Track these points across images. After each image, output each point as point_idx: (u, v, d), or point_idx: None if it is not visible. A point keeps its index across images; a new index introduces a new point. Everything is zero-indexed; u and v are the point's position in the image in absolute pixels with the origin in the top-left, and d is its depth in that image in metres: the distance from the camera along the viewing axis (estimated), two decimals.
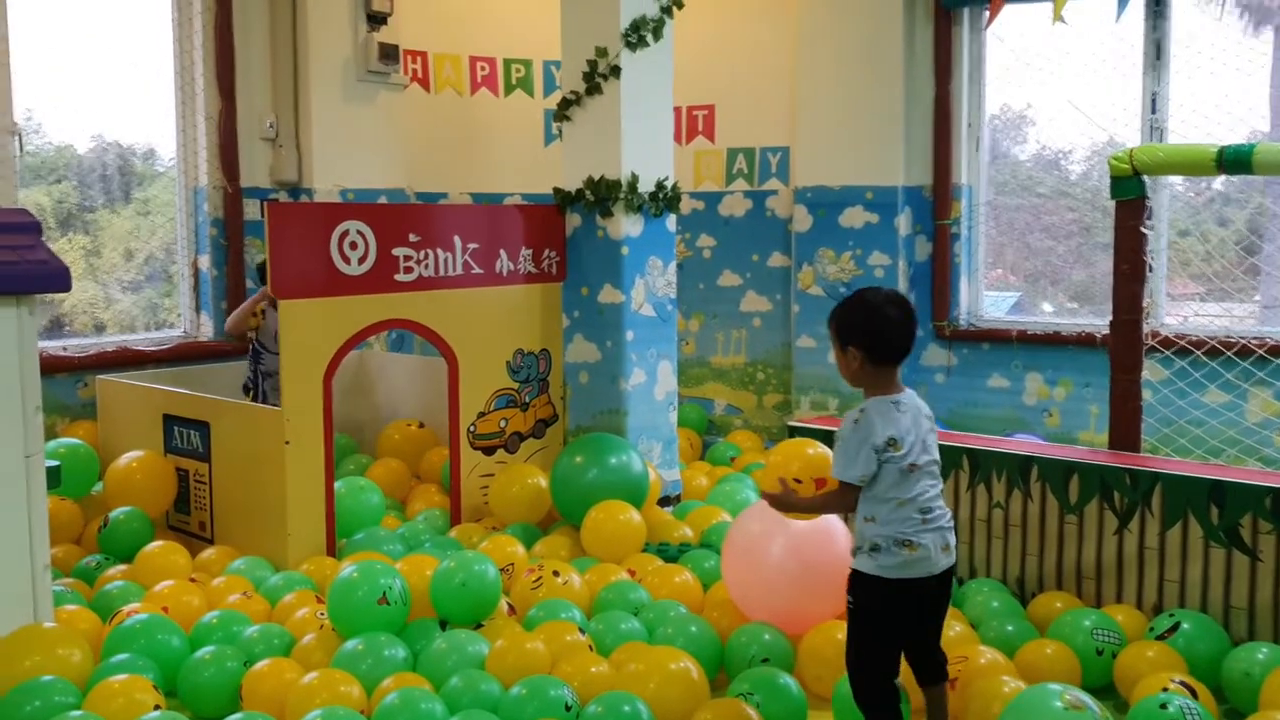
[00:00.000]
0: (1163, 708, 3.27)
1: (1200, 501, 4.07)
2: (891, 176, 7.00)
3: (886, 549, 3.19)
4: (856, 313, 3.29)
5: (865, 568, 3.23)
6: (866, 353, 3.24)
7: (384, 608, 3.94)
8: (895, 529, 3.18)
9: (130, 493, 5.17)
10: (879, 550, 3.20)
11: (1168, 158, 4.55)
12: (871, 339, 3.25)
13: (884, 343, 3.25)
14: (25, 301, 3.80)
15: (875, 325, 3.26)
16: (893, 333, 3.26)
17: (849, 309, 3.32)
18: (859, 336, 3.25)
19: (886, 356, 3.26)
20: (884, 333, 3.25)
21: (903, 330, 3.28)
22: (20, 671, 3.60)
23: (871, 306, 3.29)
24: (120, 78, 6.48)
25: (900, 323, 3.27)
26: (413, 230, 5.34)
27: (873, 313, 3.27)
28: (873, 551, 3.21)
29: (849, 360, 3.28)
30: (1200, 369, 5.97)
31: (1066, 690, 3.03)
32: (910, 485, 3.20)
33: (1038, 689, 3.11)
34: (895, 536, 3.18)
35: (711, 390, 7.87)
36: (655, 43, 5.79)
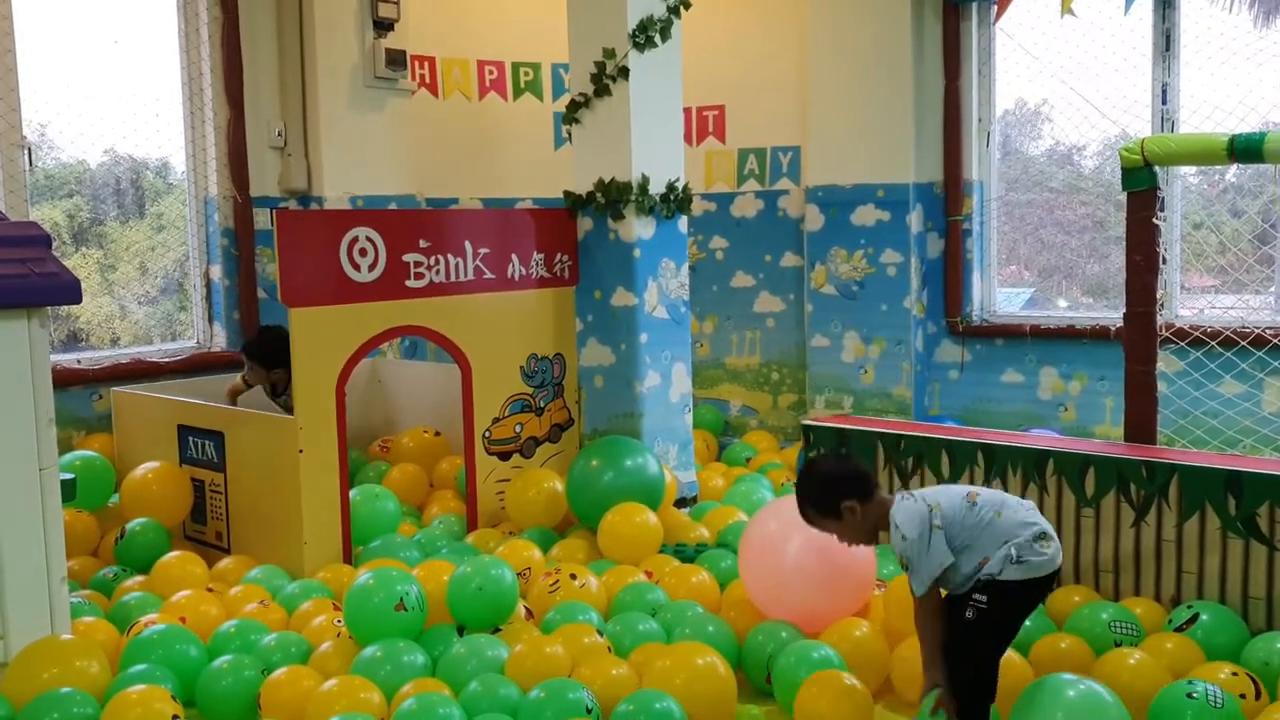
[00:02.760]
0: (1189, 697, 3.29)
1: (1217, 492, 4.05)
2: (902, 174, 6.98)
3: (1031, 549, 3.27)
4: (822, 483, 3.52)
5: (1016, 576, 3.27)
6: (859, 501, 3.43)
7: (401, 614, 3.94)
8: (1024, 531, 3.29)
9: (146, 504, 5.18)
10: (1023, 555, 3.26)
11: (1179, 148, 4.53)
12: (850, 488, 3.45)
13: (861, 484, 3.46)
14: (36, 314, 3.82)
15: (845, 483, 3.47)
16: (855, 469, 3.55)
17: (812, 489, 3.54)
18: (842, 500, 3.43)
19: (869, 489, 3.46)
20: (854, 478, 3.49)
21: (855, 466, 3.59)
22: (39, 683, 3.60)
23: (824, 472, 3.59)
24: (130, 91, 6.50)
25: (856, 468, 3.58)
26: (423, 236, 5.35)
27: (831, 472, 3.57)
28: (1018, 564, 3.26)
29: (852, 518, 3.45)
30: (1215, 359, 5.93)
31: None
32: (985, 504, 3.34)
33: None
34: (1032, 536, 3.27)
35: (726, 391, 7.86)
36: (663, 43, 5.78)
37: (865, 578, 4.17)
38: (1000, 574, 3.27)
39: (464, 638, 3.97)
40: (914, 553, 3.32)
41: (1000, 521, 3.30)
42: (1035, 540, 3.27)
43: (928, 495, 3.39)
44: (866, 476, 3.51)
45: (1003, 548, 3.27)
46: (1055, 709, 3.13)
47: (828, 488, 3.49)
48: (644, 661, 3.79)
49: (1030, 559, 3.26)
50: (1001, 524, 3.29)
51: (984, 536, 3.29)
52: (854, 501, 3.42)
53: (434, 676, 3.80)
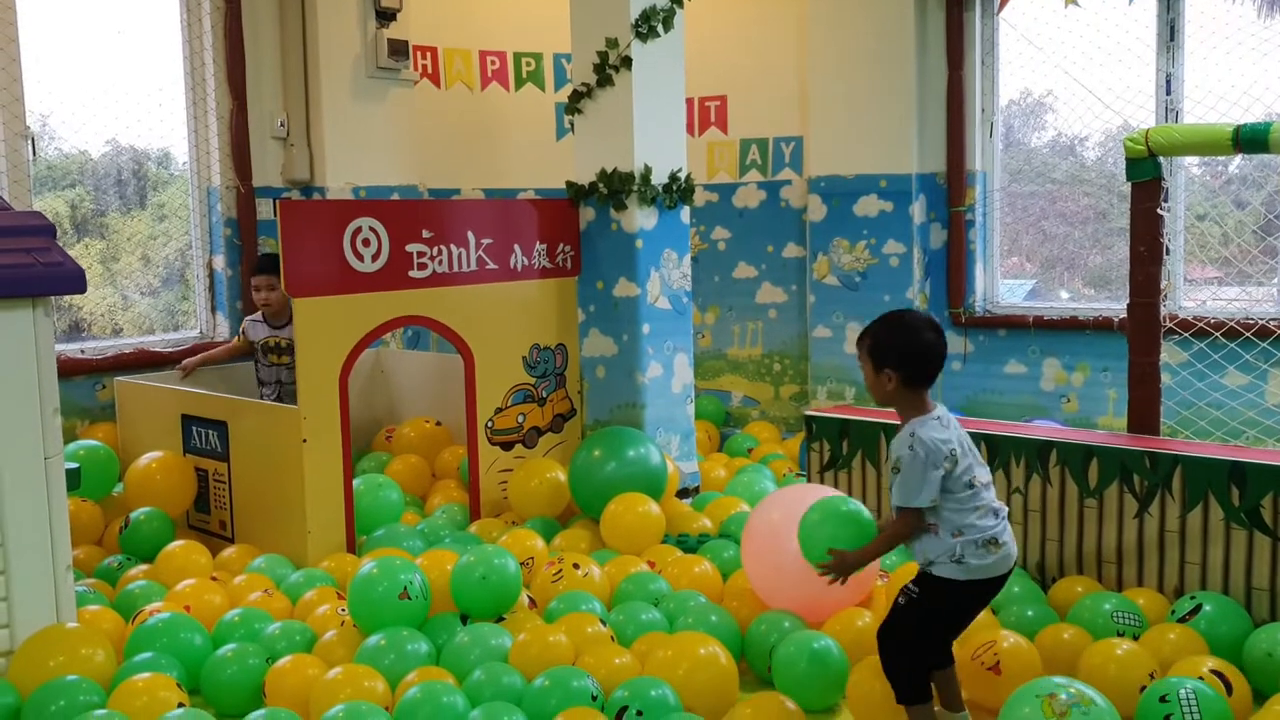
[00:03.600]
0: (1163, 700, 3.29)
1: (1220, 483, 4.05)
2: (905, 164, 6.98)
3: (975, 552, 3.22)
4: (895, 335, 3.31)
5: (951, 574, 3.24)
6: (903, 376, 3.26)
7: (405, 602, 3.95)
8: (982, 533, 3.22)
9: (150, 493, 5.19)
10: (965, 557, 3.23)
11: (1183, 138, 4.52)
12: (910, 362, 3.27)
13: (922, 366, 3.27)
14: (41, 304, 3.82)
15: (914, 349, 3.28)
16: (931, 356, 3.29)
17: (886, 331, 3.33)
18: (895, 360, 3.27)
19: (923, 380, 3.29)
20: (924, 356, 3.28)
21: (939, 353, 3.31)
22: (45, 672, 3.62)
23: (910, 329, 3.31)
24: (132, 81, 6.50)
25: (936, 346, 3.31)
26: (426, 226, 5.35)
27: (912, 336, 3.30)
28: (958, 562, 3.23)
29: (882, 381, 3.30)
30: (1219, 350, 5.93)
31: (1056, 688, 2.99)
32: (979, 493, 3.26)
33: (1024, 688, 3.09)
34: (983, 539, 3.22)
35: (728, 382, 7.86)
36: (666, 33, 5.78)
37: (868, 568, 4.17)
38: (933, 567, 3.26)
39: (468, 626, 3.98)
40: (909, 469, 3.22)
41: (966, 515, 3.23)
42: (983, 545, 3.22)
43: (957, 441, 3.25)
44: (927, 370, 3.28)
45: (950, 540, 3.22)
46: None
47: (889, 342, 3.30)
48: (646, 651, 3.80)
49: (970, 561, 3.22)
50: (967, 519, 3.23)
51: (951, 513, 3.23)
52: (894, 374, 3.27)
53: (438, 665, 3.80)
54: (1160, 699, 3.31)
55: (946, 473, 3.21)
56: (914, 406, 3.31)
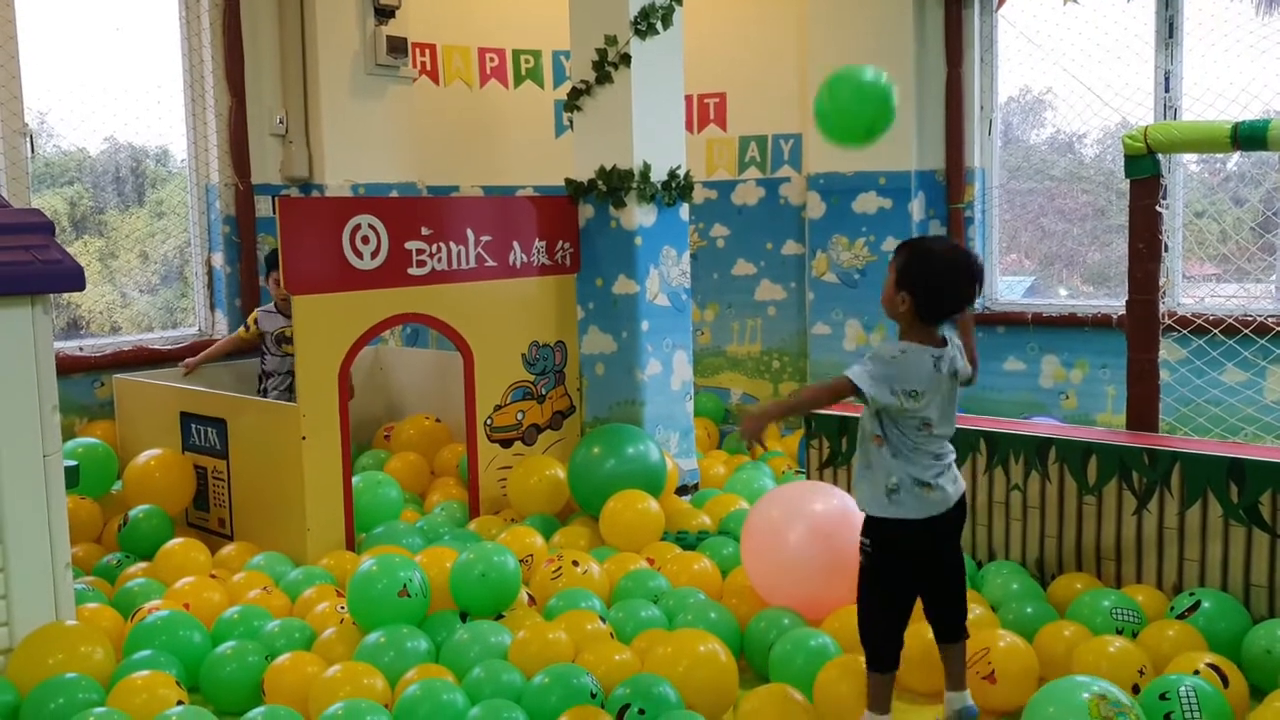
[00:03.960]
0: (1163, 698, 3.29)
1: (1219, 480, 4.05)
2: (904, 161, 6.98)
3: (906, 490, 3.24)
4: (926, 265, 3.25)
5: (886, 513, 3.28)
6: (916, 304, 3.24)
7: (404, 600, 3.95)
8: (914, 471, 3.24)
9: (149, 491, 5.19)
10: (898, 492, 3.25)
11: (1182, 135, 4.52)
12: (924, 294, 3.23)
13: (935, 302, 3.25)
14: (40, 301, 3.82)
15: (933, 283, 3.24)
16: (946, 295, 3.26)
17: (921, 257, 3.27)
18: (912, 286, 3.24)
19: (933, 315, 3.27)
20: (940, 292, 3.24)
21: (958, 295, 3.27)
22: (44, 669, 3.62)
23: (944, 268, 3.25)
24: (131, 78, 6.49)
25: (957, 288, 3.25)
26: (425, 223, 5.35)
27: (942, 274, 3.24)
28: (891, 494, 3.26)
29: (897, 301, 3.27)
30: (1218, 347, 5.93)
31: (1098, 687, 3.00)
32: (927, 438, 3.26)
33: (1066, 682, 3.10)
34: (915, 477, 3.24)
35: (728, 379, 7.86)
36: (665, 30, 5.77)
37: None
38: (870, 507, 3.30)
39: (467, 624, 3.98)
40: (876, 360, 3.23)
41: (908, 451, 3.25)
42: (917, 484, 3.24)
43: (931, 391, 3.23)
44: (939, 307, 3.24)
45: (884, 479, 3.26)
46: None
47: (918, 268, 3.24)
48: (646, 648, 3.79)
49: (903, 499, 3.24)
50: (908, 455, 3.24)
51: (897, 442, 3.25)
52: (909, 298, 3.23)
53: (437, 663, 3.80)
54: (1160, 696, 3.30)
55: (899, 404, 3.20)
56: (920, 336, 3.28)
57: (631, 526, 4.98)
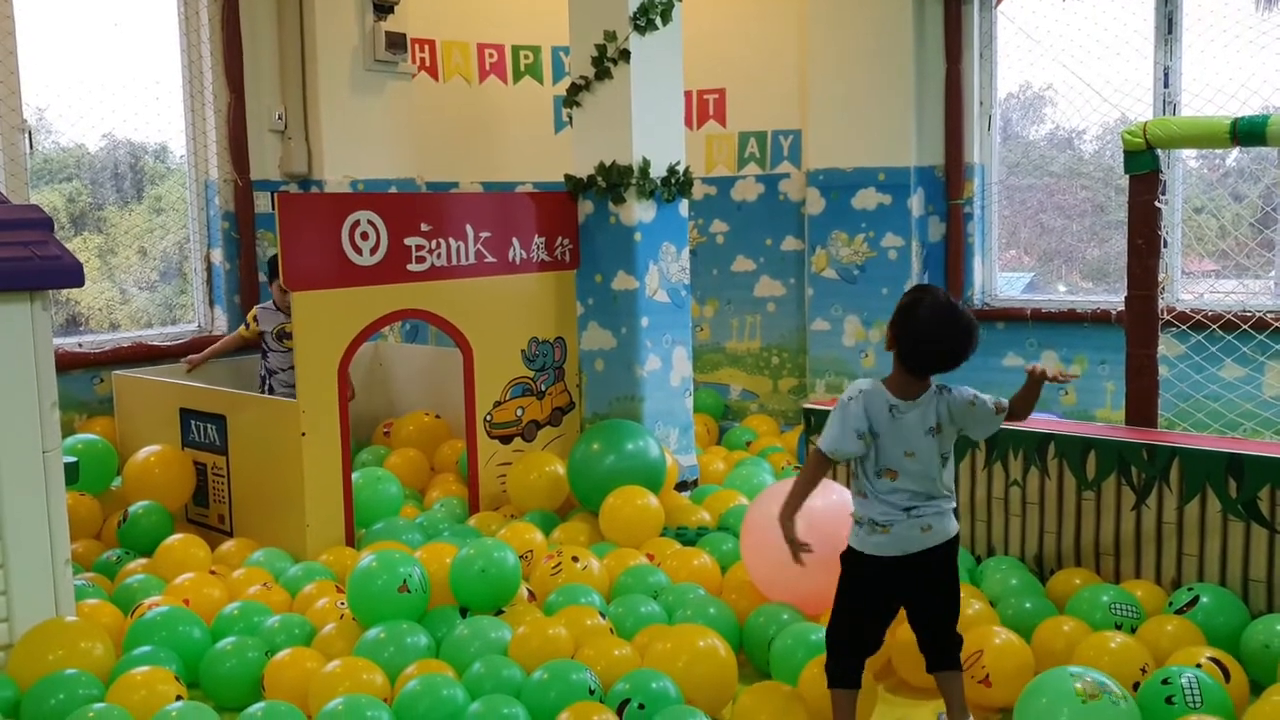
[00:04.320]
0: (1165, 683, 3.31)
1: (1218, 475, 4.05)
2: (903, 157, 6.98)
3: (865, 526, 3.29)
4: (908, 319, 3.22)
5: (852, 542, 3.35)
6: (900, 351, 3.24)
7: (404, 595, 3.95)
8: (875, 511, 3.27)
9: (149, 487, 5.19)
10: (861, 525, 3.31)
11: (1181, 130, 4.53)
12: (907, 342, 3.22)
13: (915, 352, 3.22)
14: (39, 297, 3.82)
15: (916, 333, 3.20)
16: (924, 349, 3.21)
17: (905, 304, 3.25)
18: (897, 333, 3.24)
19: (914, 364, 3.24)
20: (917, 344, 3.21)
21: (941, 352, 3.20)
22: (44, 665, 3.62)
23: (925, 315, 3.20)
24: (129, 75, 6.49)
25: (939, 344, 3.19)
26: (424, 220, 5.35)
27: (921, 320, 3.19)
28: (857, 526, 3.32)
29: (889, 339, 3.29)
30: (1216, 343, 5.94)
31: (1084, 674, 3.03)
32: (889, 488, 3.26)
33: (1054, 673, 3.13)
34: (873, 518, 3.27)
35: (727, 375, 7.86)
36: (664, 26, 5.77)
37: None
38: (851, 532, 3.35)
39: (467, 619, 3.99)
40: (834, 411, 3.27)
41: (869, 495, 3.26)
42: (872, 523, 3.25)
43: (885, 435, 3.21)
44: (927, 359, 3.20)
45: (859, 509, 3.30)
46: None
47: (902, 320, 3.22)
48: (646, 643, 3.80)
49: (862, 534, 3.29)
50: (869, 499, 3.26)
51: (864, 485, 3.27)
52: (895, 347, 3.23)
53: (438, 658, 3.81)
54: (1162, 681, 3.33)
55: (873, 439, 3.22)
56: (895, 379, 3.27)
57: (631, 522, 4.99)
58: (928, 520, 3.27)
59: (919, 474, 3.25)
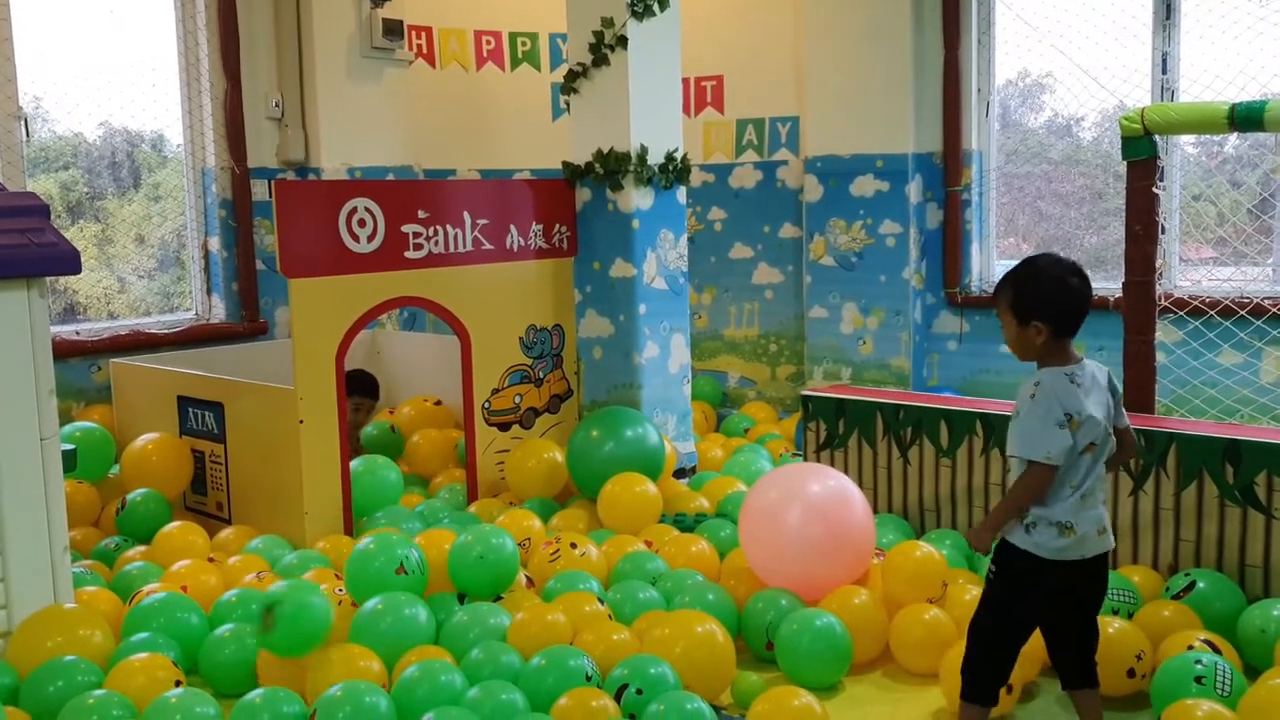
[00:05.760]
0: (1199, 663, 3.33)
1: (1215, 461, 4.06)
2: (901, 144, 6.97)
3: (1042, 528, 3.10)
4: (1043, 286, 3.14)
5: (1019, 542, 3.13)
6: (1054, 327, 3.12)
7: (402, 577, 3.96)
8: (1050, 510, 3.10)
9: (147, 475, 5.19)
10: (1035, 528, 3.11)
11: (1179, 116, 4.53)
12: (1060, 313, 3.12)
13: (1072, 315, 3.13)
14: (35, 284, 3.81)
15: (1064, 300, 3.12)
16: (1080, 304, 3.13)
17: (1033, 282, 3.16)
18: (1046, 311, 3.12)
19: (1072, 329, 3.15)
20: (1073, 305, 3.13)
21: (1087, 299, 3.15)
22: (43, 652, 3.63)
23: (1058, 279, 3.14)
24: (126, 62, 6.47)
25: (1084, 292, 3.14)
26: (421, 207, 5.34)
27: (1061, 286, 3.13)
28: (1029, 528, 3.12)
29: (1030, 336, 3.15)
30: (1214, 329, 5.94)
31: None
32: (1076, 468, 3.11)
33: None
34: (1049, 518, 3.09)
35: (725, 363, 7.86)
36: (662, 12, 5.76)
37: (864, 546, 4.19)
38: (1007, 532, 3.15)
39: (466, 605, 3.99)
40: (1028, 416, 3.11)
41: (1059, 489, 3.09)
42: (1054, 524, 3.09)
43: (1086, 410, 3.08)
44: (1077, 318, 3.13)
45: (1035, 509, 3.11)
46: None
47: (1040, 295, 3.13)
48: (644, 629, 3.81)
49: (1038, 537, 3.09)
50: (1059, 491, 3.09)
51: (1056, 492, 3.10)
52: (1047, 328, 3.11)
53: (437, 644, 3.81)
54: (1196, 662, 3.34)
55: (1070, 428, 3.05)
56: (1056, 358, 3.15)
57: (629, 509, 4.99)
58: (1103, 521, 3.17)
59: (1106, 449, 3.16)
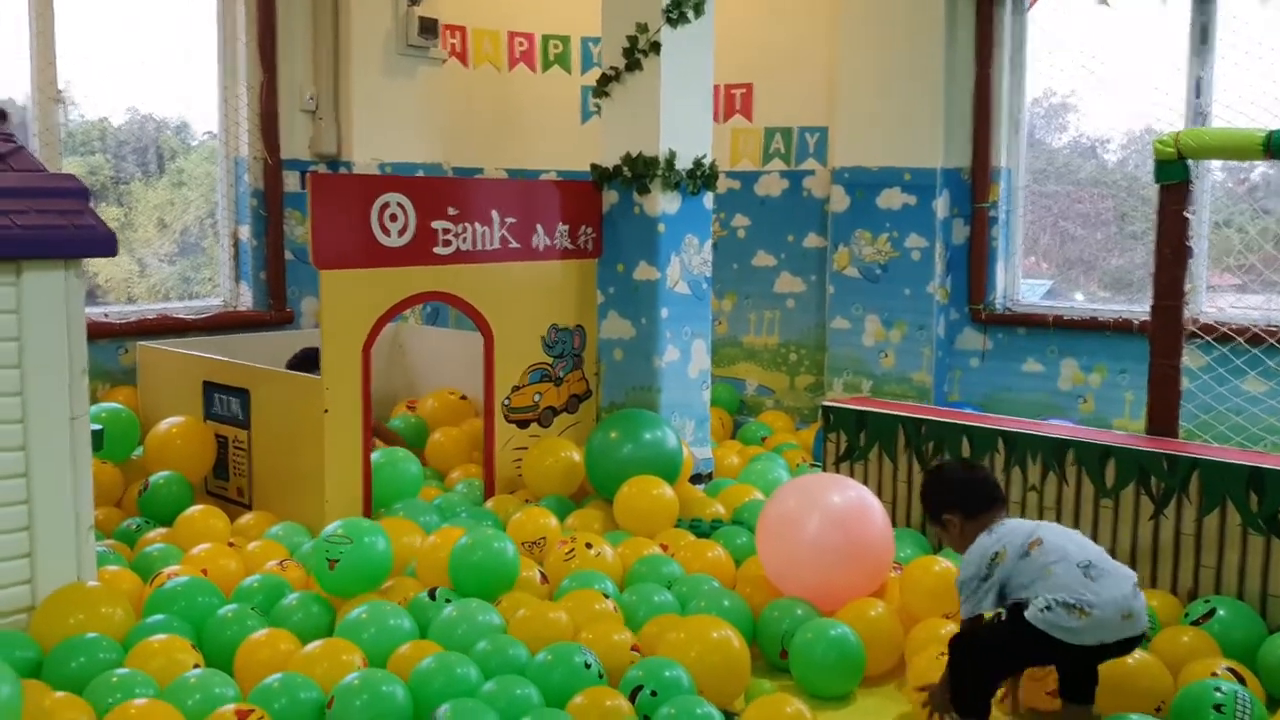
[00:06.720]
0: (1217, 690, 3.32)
1: (1239, 488, 4.05)
2: (930, 158, 6.97)
3: (1058, 611, 3.22)
4: (936, 486, 3.71)
5: (1034, 619, 3.24)
6: (962, 514, 3.55)
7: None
8: (1062, 594, 3.23)
9: (170, 458, 5.23)
10: (1050, 612, 3.22)
11: (1214, 141, 4.52)
12: (951, 499, 3.60)
13: (965, 494, 3.59)
14: (72, 265, 3.85)
15: (957, 488, 3.63)
16: (974, 487, 3.61)
17: (928, 486, 3.74)
18: (948, 504, 3.60)
19: (977, 509, 3.54)
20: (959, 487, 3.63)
21: (983, 481, 3.66)
22: (65, 628, 3.65)
23: (943, 475, 3.74)
24: (159, 50, 6.51)
25: (979, 477, 3.69)
26: (452, 204, 5.37)
27: (950, 480, 3.69)
28: (1043, 613, 3.23)
29: (951, 532, 3.59)
30: (1241, 356, 5.92)
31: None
32: (1046, 553, 3.32)
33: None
34: (1061, 600, 3.22)
35: (743, 370, 7.87)
36: (696, 19, 5.78)
37: (883, 558, 4.20)
38: (1029, 614, 3.25)
39: (456, 602, 3.93)
40: (965, 590, 3.44)
41: (1054, 577, 3.26)
42: (1066, 607, 3.20)
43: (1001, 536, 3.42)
44: (975, 494, 3.58)
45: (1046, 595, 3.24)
46: None
47: (932, 493, 3.70)
48: (658, 633, 3.81)
49: (1053, 620, 3.20)
50: (1052, 580, 3.26)
51: (1031, 587, 3.29)
52: (955, 516, 3.57)
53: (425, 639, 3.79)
54: (1216, 689, 3.34)
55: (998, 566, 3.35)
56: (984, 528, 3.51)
57: (645, 512, 5.00)
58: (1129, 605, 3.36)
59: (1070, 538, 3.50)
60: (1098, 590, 3.22)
